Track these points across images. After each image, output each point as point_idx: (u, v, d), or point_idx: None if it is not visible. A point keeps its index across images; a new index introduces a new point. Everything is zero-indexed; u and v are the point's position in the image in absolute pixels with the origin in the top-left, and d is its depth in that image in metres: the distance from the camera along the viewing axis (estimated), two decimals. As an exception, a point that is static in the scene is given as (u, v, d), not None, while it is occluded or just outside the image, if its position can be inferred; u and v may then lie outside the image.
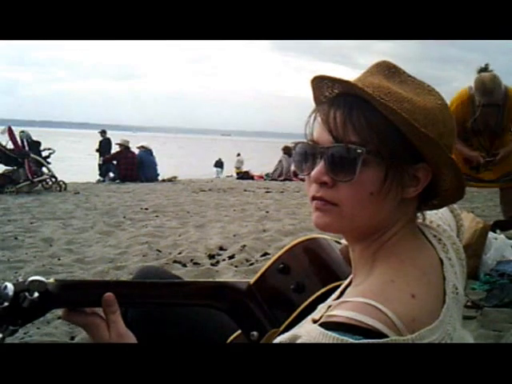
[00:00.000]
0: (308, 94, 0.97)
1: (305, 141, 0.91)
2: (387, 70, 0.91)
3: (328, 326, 0.77)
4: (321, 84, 0.92)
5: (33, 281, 0.97)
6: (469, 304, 3.25)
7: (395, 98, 0.84)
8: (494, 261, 4.04)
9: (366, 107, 0.84)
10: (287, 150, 13.88)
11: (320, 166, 0.86)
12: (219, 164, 21.28)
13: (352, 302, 0.79)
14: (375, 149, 0.83)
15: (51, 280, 1.00)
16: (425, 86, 0.91)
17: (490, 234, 4.20)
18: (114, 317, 1.00)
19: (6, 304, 0.93)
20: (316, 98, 0.95)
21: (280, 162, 14.94)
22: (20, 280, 0.98)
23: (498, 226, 5.22)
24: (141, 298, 1.13)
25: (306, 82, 0.96)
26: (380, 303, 0.77)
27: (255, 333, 1.14)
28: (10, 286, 0.95)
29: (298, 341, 0.80)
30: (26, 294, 0.95)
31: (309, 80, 0.94)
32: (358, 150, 0.83)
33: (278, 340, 0.88)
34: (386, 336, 0.74)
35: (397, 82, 0.89)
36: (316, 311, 0.99)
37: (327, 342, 0.75)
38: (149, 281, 1.18)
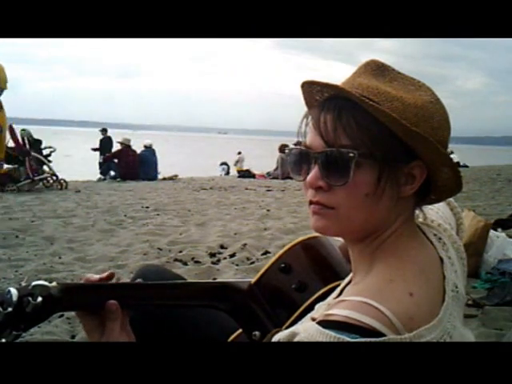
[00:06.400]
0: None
1: (298, 146, 0.91)
2: (376, 68, 0.91)
3: (325, 324, 0.77)
4: (310, 89, 0.93)
5: (36, 285, 0.96)
6: (470, 302, 3.26)
7: (385, 98, 0.84)
8: (495, 259, 4.05)
9: (355, 109, 0.84)
10: (284, 149, 13.78)
11: (314, 172, 0.86)
12: (225, 163, 21.20)
13: (350, 301, 0.79)
14: (367, 151, 0.83)
15: (54, 284, 1.00)
16: (415, 82, 0.90)
17: (492, 233, 4.20)
18: (113, 325, 1.00)
19: (9, 309, 0.93)
20: (307, 103, 0.95)
21: (278, 161, 14.89)
22: (23, 284, 0.98)
23: (499, 225, 5.23)
24: (143, 299, 1.13)
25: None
26: (378, 302, 0.77)
27: (257, 333, 1.14)
28: (13, 291, 0.95)
29: (296, 338, 0.80)
30: (30, 298, 0.94)
31: (307, 79, 0.94)
32: (350, 154, 0.83)
33: (277, 337, 0.88)
34: (383, 335, 0.74)
35: (386, 80, 0.89)
36: (315, 310, 0.99)
37: (324, 339, 0.75)
38: (150, 282, 1.18)
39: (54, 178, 11.30)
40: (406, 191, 0.87)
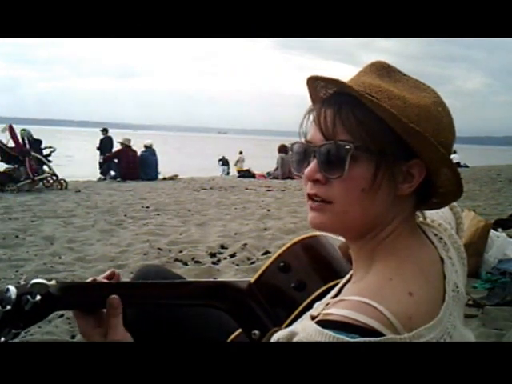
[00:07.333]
0: (309, 92, 0.96)
1: (300, 141, 0.92)
2: (381, 69, 0.92)
3: (324, 323, 0.77)
4: (315, 84, 0.94)
5: (35, 283, 0.97)
6: (470, 302, 3.26)
7: (386, 96, 0.85)
8: (495, 259, 4.05)
9: (355, 105, 0.85)
10: (283, 149, 13.87)
11: (312, 164, 0.87)
12: (225, 162, 21.18)
13: (348, 301, 0.79)
14: (364, 145, 0.84)
15: (53, 282, 1.00)
16: (420, 85, 0.91)
17: (492, 233, 4.20)
18: (116, 320, 1.01)
19: (8, 307, 0.93)
20: (312, 99, 0.96)
21: (278, 161, 14.89)
22: (22, 283, 0.98)
23: (499, 225, 5.23)
24: (141, 298, 1.13)
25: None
26: (376, 302, 0.77)
27: (257, 332, 1.14)
28: (12, 289, 0.95)
29: (295, 338, 0.80)
30: (29, 296, 0.94)
31: (312, 75, 0.95)
32: (347, 147, 0.84)
33: (276, 336, 0.88)
34: (382, 334, 0.74)
35: (391, 80, 0.90)
36: (314, 308, 0.99)
37: (323, 339, 0.75)
38: (149, 281, 1.18)
39: (54, 177, 11.31)
40: (404, 189, 0.87)
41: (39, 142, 11.87)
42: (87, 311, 1.03)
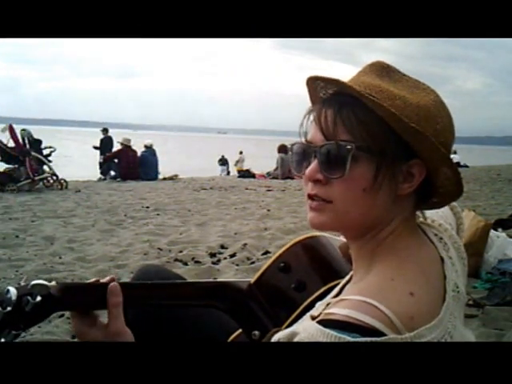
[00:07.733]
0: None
1: (300, 141, 0.92)
2: (380, 69, 0.92)
3: (326, 323, 0.77)
4: (315, 85, 0.94)
5: (35, 284, 0.97)
6: (470, 302, 3.26)
7: (386, 96, 0.85)
8: (495, 259, 4.05)
9: (356, 105, 0.85)
10: (283, 149, 13.87)
11: (313, 165, 0.88)
12: (224, 162, 21.18)
13: (350, 300, 0.79)
14: (365, 145, 0.84)
15: (53, 283, 1.00)
16: (419, 85, 0.91)
17: (492, 233, 4.20)
18: (116, 310, 1.01)
19: (8, 309, 0.93)
20: (312, 100, 0.97)
21: (278, 161, 14.90)
22: (22, 284, 0.98)
23: (499, 225, 5.23)
24: (142, 299, 1.13)
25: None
26: (378, 301, 0.77)
27: (257, 332, 1.14)
28: (12, 291, 0.95)
29: (296, 338, 0.80)
30: (29, 297, 0.94)
31: (311, 75, 0.95)
32: (348, 147, 0.84)
33: (276, 337, 0.88)
34: (383, 334, 0.74)
35: (391, 80, 0.90)
36: (315, 308, 0.99)
37: (325, 339, 0.75)
38: (150, 282, 1.18)
39: (54, 177, 11.31)
40: (404, 189, 0.87)
41: (39, 141, 11.86)
42: (87, 312, 1.04)
